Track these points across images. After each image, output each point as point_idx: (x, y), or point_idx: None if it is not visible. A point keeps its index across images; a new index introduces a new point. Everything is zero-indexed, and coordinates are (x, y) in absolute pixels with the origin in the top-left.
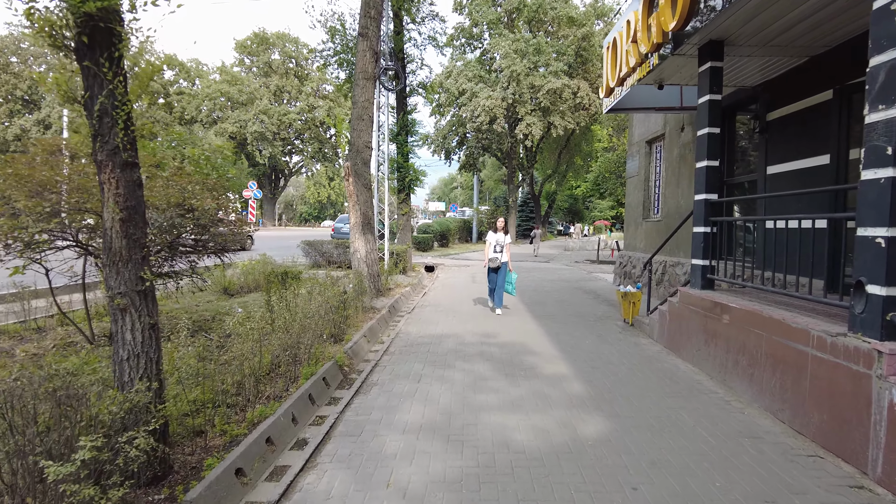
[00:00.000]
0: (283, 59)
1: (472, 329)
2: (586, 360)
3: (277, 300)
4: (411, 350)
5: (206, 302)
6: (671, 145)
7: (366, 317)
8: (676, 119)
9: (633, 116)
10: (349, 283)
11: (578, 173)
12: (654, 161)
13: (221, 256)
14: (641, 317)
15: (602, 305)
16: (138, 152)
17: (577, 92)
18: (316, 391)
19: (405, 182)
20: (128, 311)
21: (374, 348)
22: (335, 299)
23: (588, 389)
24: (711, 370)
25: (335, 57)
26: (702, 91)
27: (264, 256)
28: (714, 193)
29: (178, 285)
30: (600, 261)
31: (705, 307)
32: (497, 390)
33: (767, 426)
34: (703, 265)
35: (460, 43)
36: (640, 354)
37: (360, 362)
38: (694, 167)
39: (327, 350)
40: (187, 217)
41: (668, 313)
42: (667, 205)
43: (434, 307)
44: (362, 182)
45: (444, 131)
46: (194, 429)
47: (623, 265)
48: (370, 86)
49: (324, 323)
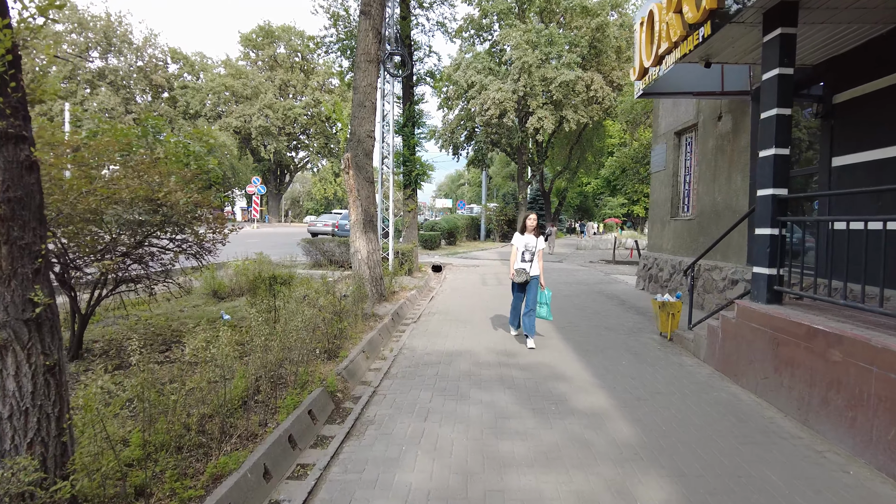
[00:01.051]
0: (289, 53)
1: (487, 344)
2: (627, 388)
3: (258, 313)
4: (417, 372)
5: (191, 307)
6: (705, 136)
7: (366, 326)
8: (712, 107)
9: (659, 106)
10: (348, 287)
11: (590, 170)
12: (684, 154)
13: (200, 259)
14: (682, 330)
15: (629, 314)
16: (30, 122)
17: (591, 85)
18: (299, 429)
19: (411, 177)
20: (9, 350)
21: (375, 366)
22: (330, 308)
23: (638, 433)
24: (786, 405)
25: (338, 44)
26: (768, 65)
27: (261, 255)
28: (784, 188)
29: (151, 292)
30: (616, 261)
31: (776, 326)
32: (525, 434)
33: (888, 494)
34: (768, 274)
35: (469, 34)
36: (689, 380)
37: (356, 385)
38: (733, 159)
39: (318, 370)
40: (158, 213)
41: (720, 330)
42: (700, 202)
43: (443, 315)
44: (364, 175)
45: (453, 125)
46: (136, 489)
47: (647, 268)
48: (373, 69)
49: (315, 338)
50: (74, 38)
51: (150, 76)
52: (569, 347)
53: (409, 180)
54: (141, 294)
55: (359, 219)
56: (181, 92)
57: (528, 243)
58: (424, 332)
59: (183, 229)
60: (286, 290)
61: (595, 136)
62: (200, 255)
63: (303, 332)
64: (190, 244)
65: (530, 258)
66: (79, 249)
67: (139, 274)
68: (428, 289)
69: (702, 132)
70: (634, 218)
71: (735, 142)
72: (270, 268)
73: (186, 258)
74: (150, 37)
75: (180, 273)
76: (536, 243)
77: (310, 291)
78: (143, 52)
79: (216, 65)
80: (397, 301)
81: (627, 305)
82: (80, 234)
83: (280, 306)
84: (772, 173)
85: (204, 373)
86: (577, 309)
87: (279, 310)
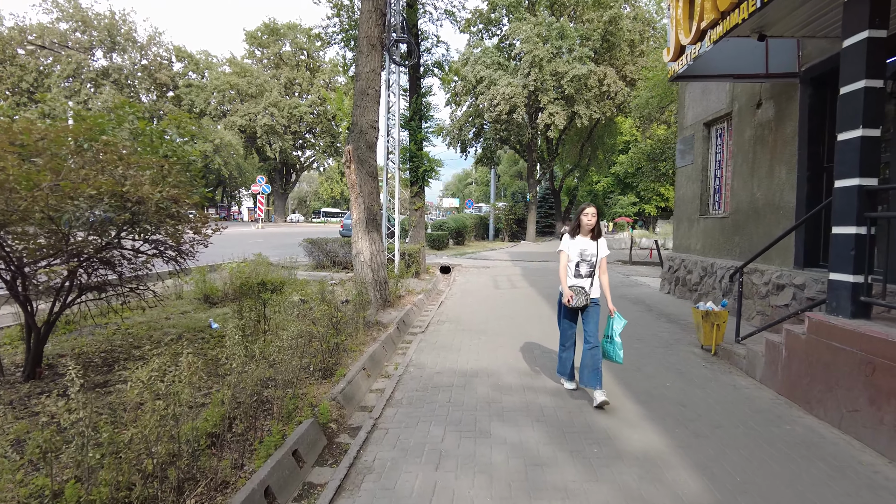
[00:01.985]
0: (295, 51)
1: (506, 360)
2: (680, 420)
3: (235, 329)
4: (426, 397)
5: (179, 313)
6: (742, 126)
7: (368, 336)
8: (749, 94)
9: (686, 95)
10: (349, 291)
11: (600, 168)
12: (714, 146)
13: (178, 263)
14: (728, 344)
15: (660, 322)
16: None
17: (604, 79)
18: (280, 477)
19: (419, 173)
20: None
21: (377, 385)
22: (325, 321)
23: (709, 487)
24: (889, 448)
25: (341, 34)
26: (851, 28)
27: (259, 256)
28: (873, 177)
29: (124, 301)
30: (633, 261)
31: (870, 348)
32: (566, 491)
33: None
34: (853, 282)
35: (478, 29)
36: (750, 407)
37: (354, 411)
38: (776, 151)
39: (310, 392)
40: (125, 211)
41: (784, 347)
42: (735, 198)
43: (453, 323)
44: (366, 170)
45: (461, 122)
46: None
47: (673, 270)
48: (376, 54)
49: (309, 352)
50: (78, 36)
51: (154, 75)
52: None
53: (416, 177)
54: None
55: (361, 217)
56: (186, 90)
57: (585, 250)
58: (434, 344)
59: (158, 229)
60: (278, 297)
61: (606, 132)
62: (181, 258)
63: (289, 351)
64: (167, 246)
65: (589, 272)
66: (29, 254)
67: (107, 280)
68: (436, 292)
69: (737, 122)
70: (646, 217)
71: (778, 131)
72: (268, 270)
73: (165, 262)
74: (154, 35)
75: (157, 279)
76: (597, 249)
77: (305, 300)
78: (148, 50)
79: (221, 63)
80: (403, 307)
81: (656, 312)
82: (32, 236)
83: (271, 315)
84: (857, 160)
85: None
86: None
87: (269, 319)
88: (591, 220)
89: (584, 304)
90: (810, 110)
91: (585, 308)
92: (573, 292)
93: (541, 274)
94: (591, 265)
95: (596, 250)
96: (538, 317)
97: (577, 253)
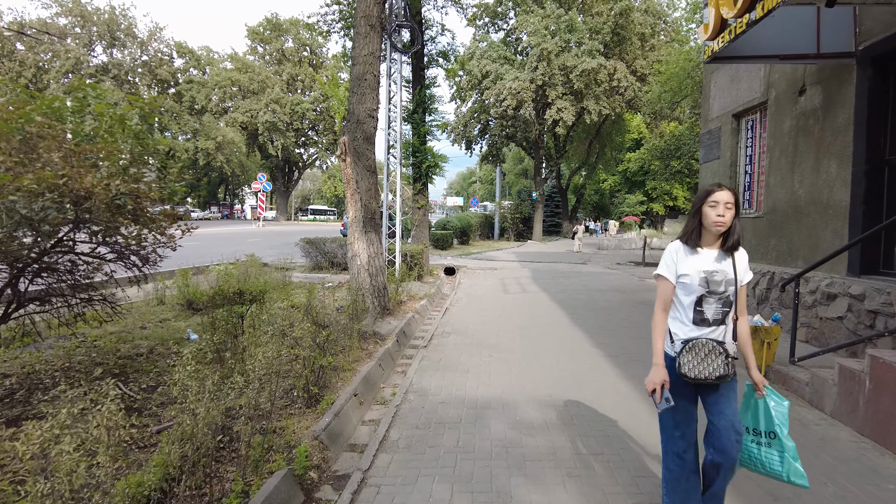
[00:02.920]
0: (297, 47)
1: (525, 386)
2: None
3: (191, 357)
4: (428, 438)
5: (157, 321)
6: (780, 116)
7: (363, 351)
8: (789, 80)
9: (711, 85)
10: (344, 298)
11: (608, 166)
12: (745, 140)
13: (139, 268)
14: (782, 365)
15: None
16: None
17: (614, 74)
18: None
19: (422, 169)
20: None
21: (370, 416)
22: (310, 338)
23: None
24: None
25: (340, 22)
26: None
27: (251, 257)
28: None
29: (79, 314)
30: (647, 263)
31: None
32: None
33: None
34: None
35: (483, 23)
36: (829, 453)
37: (341, 452)
38: (823, 142)
39: (289, 427)
40: (67, 207)
41: (870, 378)
42: (771, 196)
43: (460, 335)
44: (364, 164)
45: (466, 118)
46: None
47: None
48: (375, 35)
49: (290, 376)
50: (78, 31)
51: (155, 71)
52: (635, 389)
53: (420, 173)
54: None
55: (358, 216)
56: (187, 87)
57: (714, 272)
58: (437, 362)
59: (110, 230)
60: (259, 307)
61: (615, 129)
62: (143, 263)
63: (256, 384)
64: (130, 250)
65: (721, 313)
66: None
67: (52, 289)
68: (440, 297)
69: (773, 111)
70: (654, 216)
71: (827, 120)
72: (259, 272)
73: (126, 269)
74: (155, 30)
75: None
76: (734, 269)
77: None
78: (148, 46)
79: (223, 59)
80: (404, 315)
81: None
82: None
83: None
84: None
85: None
86: (625, 327)
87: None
88: (722, 214)
89: (724, 374)
90: (870, 95)
91: (717, 388)
92: (694, 353)
93: (551, 276)
94: (726, 300)
95: (733, 271)
96: (554, 327)
97: (698, 277)
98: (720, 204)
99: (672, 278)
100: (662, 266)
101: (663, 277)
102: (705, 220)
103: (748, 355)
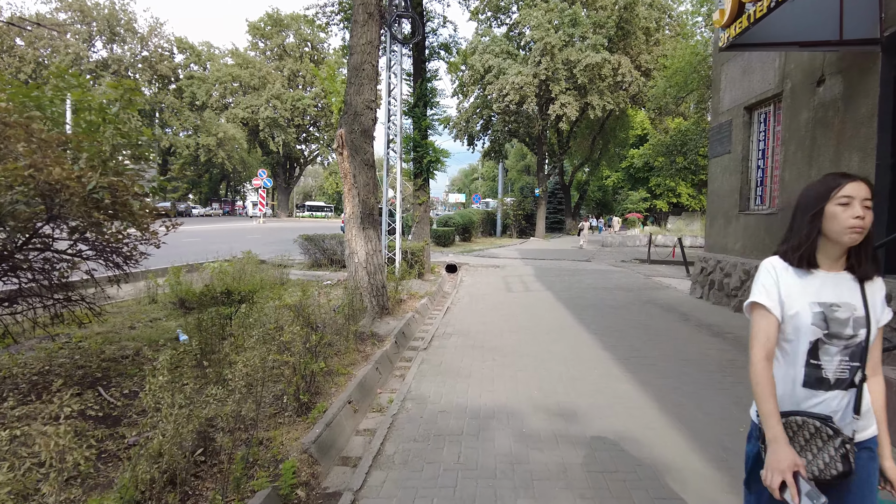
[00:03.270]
0: (298, 43)
1: (531, 393)
2: None
3: (164, 363)
4: (427, 454)
5: (147, 321)
6: (796, 108)
7: (359, 354)
8: (806, 69)
9: (721, 76)
10: (337, 299)
11: (611, 162)
12: (757, 133)
13: (122, 268)
14: None
15: (703, 335)
16: None
17: (619, 69)
18: None
19: (423, 164)
20: None
21: (365, 425)
22: (300, 343)
23: None
24: None
25: (339, 14)
26: None
27: (248, 254)
28: None
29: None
30: (652, 260)
31: None
32: None
33: None
34: None
35: (486, 17)
36: None
37: (332, 466)
38: (843, 135)
39: (277, 437)
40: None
41: None
42: (786, 192)
43: (461, 336)
44: (361, 158)
45: (468, 114)
46: None
47: (707, 272)
48: (373, 24)
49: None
50: (78, 27)
51: (155, 66)
52: (650, 398)
53: (421, 168)
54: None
55: (355, 212)
56: (187, 82)
57: (837, 306)
58: (438, 366)
59: (94, 225)
60: (247, 308)
61: (619, 125)
62: (122, 262)
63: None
64: (111, 247)
65: (850, 369)
66: None
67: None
68: (441, 295)
69: (789, 103)
70: (657, 213)
71: (848, 111)
72: (256, 269)
73: (106, 268)
74: (155, 26)
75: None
76: (863, 301)
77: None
78: (149, 41)
79: (223, 54)
80: (404, 315)
81: (693, 322)
82: None
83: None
84: None
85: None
86: (634, 328)
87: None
88: (862, 216)
89: (843, 471)
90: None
91: (843, 475)
92: (790, 437)
93: (555, 274)
94: (854, 350)
95: (863, 305)
96: (560, 328)
97: (811, 313)
98: (856, 201)
99: (777, 310)
100: (760, 290)
101: (762, 308)
102: (830, 227)
103: (881, 434)
